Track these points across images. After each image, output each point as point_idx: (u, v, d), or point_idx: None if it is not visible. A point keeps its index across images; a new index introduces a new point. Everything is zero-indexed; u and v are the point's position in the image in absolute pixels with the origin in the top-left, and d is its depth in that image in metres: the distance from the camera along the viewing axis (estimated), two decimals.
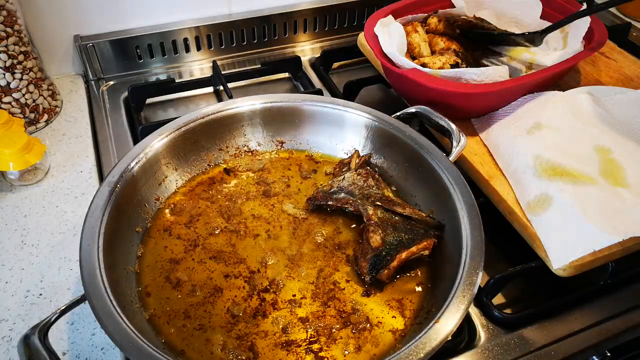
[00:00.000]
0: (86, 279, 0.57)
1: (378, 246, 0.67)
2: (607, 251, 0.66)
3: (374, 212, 0.71)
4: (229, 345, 0.60)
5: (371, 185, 0.75)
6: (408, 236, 0.68)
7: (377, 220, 0.70)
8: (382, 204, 0.72)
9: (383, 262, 0.66)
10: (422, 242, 0.67)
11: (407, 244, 0.67)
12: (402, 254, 0.66)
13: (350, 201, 0.73)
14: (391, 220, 0.70)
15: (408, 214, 0.70)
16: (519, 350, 0.66)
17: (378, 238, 0.68)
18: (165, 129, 0.77)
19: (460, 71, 0.83)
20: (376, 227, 0.69)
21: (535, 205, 0.70)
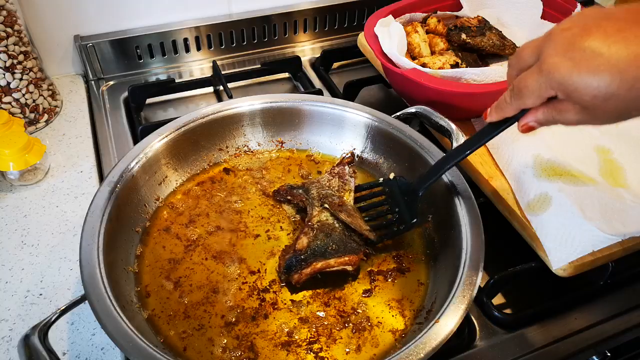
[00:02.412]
0: (86, 279, 0.57)
1: (301, 249, 0.66)
2: (607, 251, 0.66)
3: (317, 214, 0.70)
4: (229, 345, 0.60)
5: (333, 187, 0.74)
6: (336, 247, 0.66)
7: (316, 223, 0.69)
8: (330, 207, 0.70)
9: (298, 266, 0.65)
10: (345, 257, 0.65)
11: (329, 255, 0.65)
12: (318, 264, 0.65)
13: (303, 199, 0.73)
14: (330, 227, 0.69)
15: (349, 223, 0.68)
16: (519, 350, 0.66)
17: (305, 241, 0.67)
18: (165, 129, 0.77)
19: (460, 71, 0.83)
20: (309, 230, 0.68)
21: (535, 205, 0.70)
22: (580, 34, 0.43)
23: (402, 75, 0.82)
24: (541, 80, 0.46)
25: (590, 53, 0.42)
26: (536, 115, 0.51)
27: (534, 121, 0.51)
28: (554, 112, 0.49)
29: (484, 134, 0.60)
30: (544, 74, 0.46)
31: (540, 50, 0.47)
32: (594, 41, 0.42)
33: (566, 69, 0.44)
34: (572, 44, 0.44)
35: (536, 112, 0.51)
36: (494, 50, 0.93)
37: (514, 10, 1.01)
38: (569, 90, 0.45)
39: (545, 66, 0.45)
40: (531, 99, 0.49)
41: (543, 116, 0.50)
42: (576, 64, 0.43)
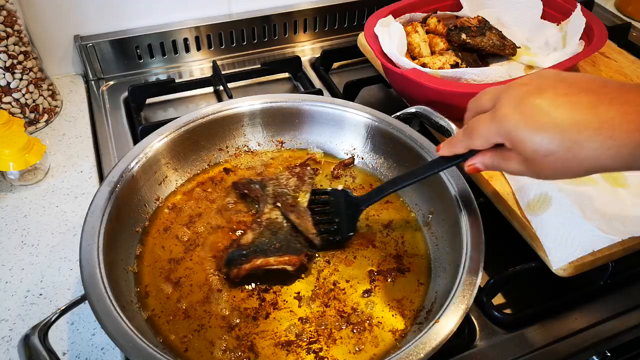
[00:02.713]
0: (86, 279, 0.57)
1: (244, 244, 0.67)
2: (607, 251, 0.66)
3: (268, 212, 0.71)
4: (229, 345, 0.60)
5: (290, 186, 0.74)
6: (279, 245, 0.66)
7: (265, 220, 0.69)
8: (281, 206, 0.70)
9: (238, 261, 0.65)
10: (285, 257, 0.65)
11: (270, 253, 0.65)
12: (258, 261, 0.64)
13: (259, 194, 0.73)
14: (278, 225, 0.69)
15: (297, 224, 0.69)
16: (519, 350, 0.66)
17: (250, 236, 0.67)
18: (165, 129, 0.77)
19: (460, 71, 0.83)
20: (256, 226, 0.69)
21: (534, 205, 0.70)
22: (534, 91, 0.46)
23: (402, 75, 0.82)
24: (492, 127, 0.49)
25: (538, 110, 0.45)
26: (483, 158, 0.54)
27: (481, 163, 0.54)
28: (500, 158, 0.52)
29: (434, 165, 0.63)
30: (495, 121, 0.48)
31: (498, 99, 0.49)
32: (544, 100, 0.45)
33: (515, 121, 0.46)
34: (525, 99, 0.46)
35: (484, 155, 0.53)
36: (494, 50, 0.93)
37: (514, 10, 1.02)
38: (514, 141, 0.47)
39: (498, 115, 0.48)
40: (479, 141, 0.51)
41: (489, 160, 0.53)
42: (524, 118, 0.46)
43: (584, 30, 0.92)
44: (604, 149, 0.43)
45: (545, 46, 0.98)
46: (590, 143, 0.43)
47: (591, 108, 0.43)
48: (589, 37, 0.92)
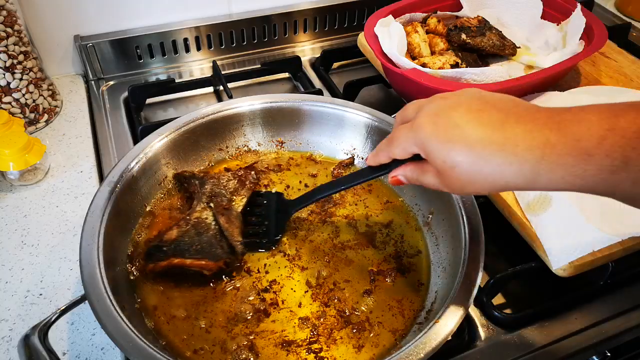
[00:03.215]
0: (86, 279, 0.57)
1: (167, 240, 0.65)
2: (607, 251, 0.66)
3: (200, 210, 0.69)
4: (229, 345, 0.60)
5: (228, 188, 0.73)
6: (200, 248, 0.65)
7: (194, 218, 0.68)
8: (214, 207, 0.69)
9: (157, 256, 0.64)
10: (202, 261, 0.64)
11: (189, 254, 0.64)
12: (175, 260, 0.63)
13: (196, 190, 0.72)
14: (205, 226, 0.67)
15: (224, 229, 0.67)
16: (519, 350, 0.66)
17: (174, 233, 0.66)
18: (165, 129, 0.77)
19: (460, 71, 0.83)
20: (183, 224, 0.67)
21: (534, 205, 0.70)
22: (450, 106, 0.48)
23: (402, 75, 0.82)
24: (409, 135, 0.50)
25: (450, 123, 0.46)
26: (405, 170, 0.55)
27: (402, 175, 0.55)
28: (419, 171, 0.53)
29: (362, 174, 0.63)
30: (412, 130, 0.50)
31: (420, 109, 0.50)
32: (457, 114, 0.47)
33: (428, 131, 0.48)
34: (441, 111, 0.48)
35: (405, 168, 0.55)
36: (494, 51, 0.93)
37: (514, 10, 1.02)
38: (427, 151, 0.49)
39: (415, 124, 0.49)
40: (398, 149, 0.52)
41: (410, 173, 0.54)
42: (437, 130, 0.47)
43: (584, 30, 0.92)
44: (507, 165, 0.44)
45: (545, 46, 0.98)
46: (494, 158, 0.44)
47: (499, 125, 0.45)
48: (589, 37, 0.92)
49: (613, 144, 0.40)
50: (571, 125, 0.42)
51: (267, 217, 0.73)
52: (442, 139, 0.47)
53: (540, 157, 0.42)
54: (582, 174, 0.41)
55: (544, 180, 0.43)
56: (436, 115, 0.48)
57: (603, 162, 0.40)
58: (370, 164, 0.59)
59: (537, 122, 0.44)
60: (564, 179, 0.42)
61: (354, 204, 0.78)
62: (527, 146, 0.43)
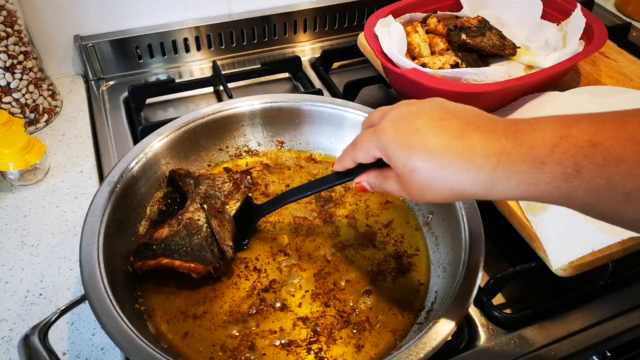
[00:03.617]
0: (86, 279, 0.57)
1: (157, 238, 0.64)
2: (607, 251, 0.66)
3: (192, 211, 0.68)
4: (229, 345, 0.60)
5: (223, 191, 0.72)
6: (190, 250, 0.64)
7: (186, 219, 0.67)
8: (207, 209, 0.68)
9: (145, 254, 0.63)
10: (191, 264, 0.63)
11: (178, 255, 0.63)
12: (164, 260, 0.63)
13: (190, 190, 0.71)
14: (197, 228, 0.67)
15: (216, 232, 0.66)
16: (519, 351, 0.66)
17: (165, 232, 0.65)
18: (165, 129, 0.77)
19: (460, 71, 0.83)
20: (175, 223, 0.66)
21: (534, 205, 0.70)
22: (414, 112, 0.49)
23: (402, 75, 0.82)
24: (372, 139, 0.51)
25: (412, 129, 0.47)
26: (368, 177, 0.55)
27: (366, 181, 0.56)
28: (381, 177, 0.53)
29: (328, 180, 0.62)
30: (375, 134, 0.50)
31: (384, 114, 0.51)
32: (419, 121, 0.47)
33: (390, 135, 0.49)
34: (404, 117, 0.49)
35: (369, 174, 0.55)
36: (494, 51, 0.93)
37: (514, 10, 1.01)
38: (388, 155, 0.49)
39: (379, 128, 0.50)
40: (361, 152, 0.53)
41: (373, 179, 0.55)
42: (398, 134, 0.48)
43: (584, 30, 0.92)
44: (464, 171, 0.44)
45: (545, 46, 0.98)
46: (452, 165, 0.45)
47: (459, 133, 0.45)
48: (589, 37, 0.92)
49: (565, 151, 0.40)
50: (526, 134, 0.43)
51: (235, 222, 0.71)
52: (403, 143, 0.47)
53: (496, 165, 0.43)
54: (536, 181, 0.42)
55: (500, 188, 0.44)
56: (399, 121, 0.49)
57: (555, 169, 0.40)
58: (336, 169, 0.59)
59: (494, 132, 0.44)
60: (519, 187, 0.43)
61: (354, 204, 0.78)
62: (484, 154, 0.44)
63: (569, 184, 0.40)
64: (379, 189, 0.55)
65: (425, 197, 0.48)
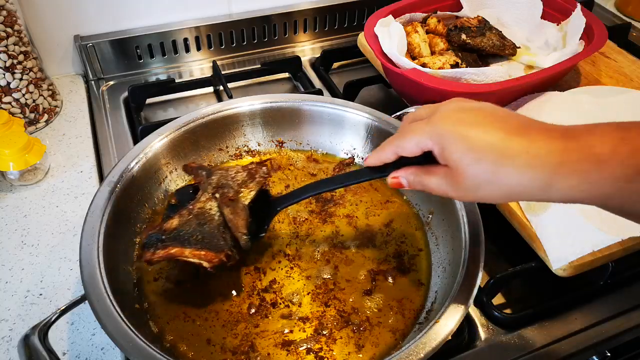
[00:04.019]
0: (86, 279, 0.57)
1: (167, 229, 0.61)
2: (607, 251, 0.66)
3: (204, 201, 0.65)
4: (229, 345, 0.60)
5: (236, 180, 0.68)
6: (201, 238, 0.61)
7: (197, 209, 0.64)
8: (219, 198, 0.65)
9: (155, 245, 0.60)
10: (202, 251, 0.60)
11: (188, 244, 0.60)
12: (173, 250, 0.60)
13: (202, 182, 0.69)
14: (208, 217, 0.63)
15: (228, 220, 0.63)
16: (519, 350, 0.66)
17: (175, 222, 0.62)
18: (165, 129, 0.77)
19: (460, 71, 0.83)
20: (186, 213, 0.64)
21: (534, 205, 0.70)
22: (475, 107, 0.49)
23: (402, 75, 0.82)
24: (425, 129, 0.49)
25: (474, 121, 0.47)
26: (407, 172, 0.53)
27: (404, 177, 0.54)
28: (423, 173, 0.52)
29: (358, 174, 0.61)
30: (430, 124, 0.49)
31: (436, 108, 0.50)
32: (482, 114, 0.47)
33: (450, 125, 0.47)
34: (464, 109, 0.48)
35: (408, 169, 0.53)
36: (494, 51, 0.93)
37: (514, 10, 1.02)
38: (443, 146, 0.47)
39: (434, 118, 0.49)
40: (410, 143, 0.51)
41: (412, 176, 0.53)
42: (459, 124, 0.47)
43: (584, 30, 0.92)
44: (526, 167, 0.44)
45: (545, 46, 0.98)
46: (514, 161, 0.44)
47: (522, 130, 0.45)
48: (589, 37, 0.92)
49: (626, 152, 0.41)
50: (585, 136, 0.43)
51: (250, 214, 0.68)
52: (463, 135, 0.46)
53: (558, 164, 0.43)
54: (597, 181, 0.42)
55: (560, 187, 0.43)
56: (459, 112, 0.48)
57: (617, 170, 0.41)
58: (371, 162, 0.57)
59: (554, 132, 0.44)
60: (580, 187, 0.43)
61: (354, 204, 0.78)
62: (547, 151, 0.43)
63: (631, 185, 0.41)
64: (418, 186, 0.53)
65: (478, 194, 0.47)
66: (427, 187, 0.52)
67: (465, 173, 0.46)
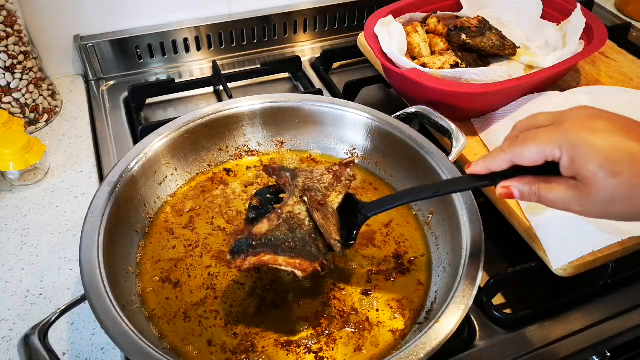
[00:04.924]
0: (86, 279, 0.57)
1: (256, 234, 0.59)
2: (607, 251, 0.66)
3: (292, 205, 0.62)
4: (229, 345, 0.60)
5: (323, 183, 0.66)
6: (293, 245, 0.59)
7: (286, 213, 0.62)
8: (308, 202, 0.62)
9: (245, 251, 0.58)
10: (296, 260, 0.57)
11: (282, 252, 0.58)
12: (266, 257, 0.57)
13: (287, 183, 0.66)
14: (298, 222, 0.61)
15: (320, 226, 0.60)
16: (519, 350, 0.66)
17: (265, 227, 0.60)
18: (165, 129, 0.77)
19: (460, 71, 0.83)
20: (275, 218, 0.61)
21: (535, 205, 0.70)
22: (606, 115, 0.45)
23: (402, 75, 0.82)
24: (554, 137, 0.45)
25: (610, 129, 0.43)
26: (522, 182, 0.49)
27: (517, 187, 0.49)
28: (541, 184, 0.48)
29: (458, 183, 0.58)
30: (559, 131, 0.45)
31: (560, 115, 0.47)
32: (620, 123, 0.44)
33: (584, 133, 0.43)
34: (597, 117, 0.45)
35: (523, 179, 0.49)
36: (494, 51, 0.93)
37: (514, 10, 1.02)
38: (575, 156, 0.44)
39: (565, 126, 0.45)
40: (532, 152, 0.46)
41: (528, 186, 0.49)
42: (594, 133, 0.43)
43: (584, 30, 0.92)
44: None
45: (545, 46, 0.98)
46: None
47: None
48: (589, 37, 0.92)
49: None
50: None
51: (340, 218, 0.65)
52: (599, 144, 0.42)
53: None
54: None
55: None
56: (592, 119, 0.44)
57: None
58: (476, 171, 0.52)
59: None
60: None
61: None
62: None
63: None
64: (534, 198, 0.48)
65: (609, 209, 0.44)
66: (546, 199, 0.48)
67: (599, 187, 0.43)
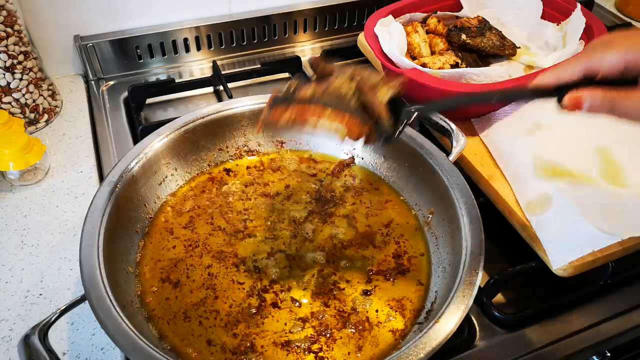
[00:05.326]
0: (86, 279, 0.57)
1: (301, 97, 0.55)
2: (607, 251, 0.66)
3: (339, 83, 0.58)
4: (229, 345, 0.60)
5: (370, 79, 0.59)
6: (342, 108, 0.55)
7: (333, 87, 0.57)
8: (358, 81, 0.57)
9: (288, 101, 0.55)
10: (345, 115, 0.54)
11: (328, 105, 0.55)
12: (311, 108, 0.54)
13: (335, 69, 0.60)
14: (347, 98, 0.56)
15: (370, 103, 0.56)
16: (519, 350, 0.66)
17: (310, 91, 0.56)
18: (165, 129, 0.77)
19: (460, 71, 0.83)
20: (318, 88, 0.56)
21: (535, 205, 0.70)
22: None
23: (402, 75, 0.82)
24: (638, 40, 0.43)
25: None
26: (593, 92, 0.45)
27: (590, 97, 0.45)
28: (618, 95, 0.44)
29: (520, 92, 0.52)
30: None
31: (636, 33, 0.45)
32: None
33: None
34: None
35: (594, 90, 0.45)
36: (494, 51, 0.93)
37: (514, 10, 1.02)
38: None
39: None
40: (612, 57, 0.44)
41: (601, 97, 0.45)
42: None
43: (584, 30, 0.92)
44: None
45: (545, 46, 0.98)
46: None
47: None
48: (589, 37, 0.92)
49: None
50: None
51: None
52: None
53: None
54: None
55: None
56: None
57: None
58: (546, 81, 0.48)
59: None
60: None
61: (354, 204, 0.78)
62: None
63: None
64: (606, 108, 0.45)
65: None
66: (621, 110, 0.45)
67: None
